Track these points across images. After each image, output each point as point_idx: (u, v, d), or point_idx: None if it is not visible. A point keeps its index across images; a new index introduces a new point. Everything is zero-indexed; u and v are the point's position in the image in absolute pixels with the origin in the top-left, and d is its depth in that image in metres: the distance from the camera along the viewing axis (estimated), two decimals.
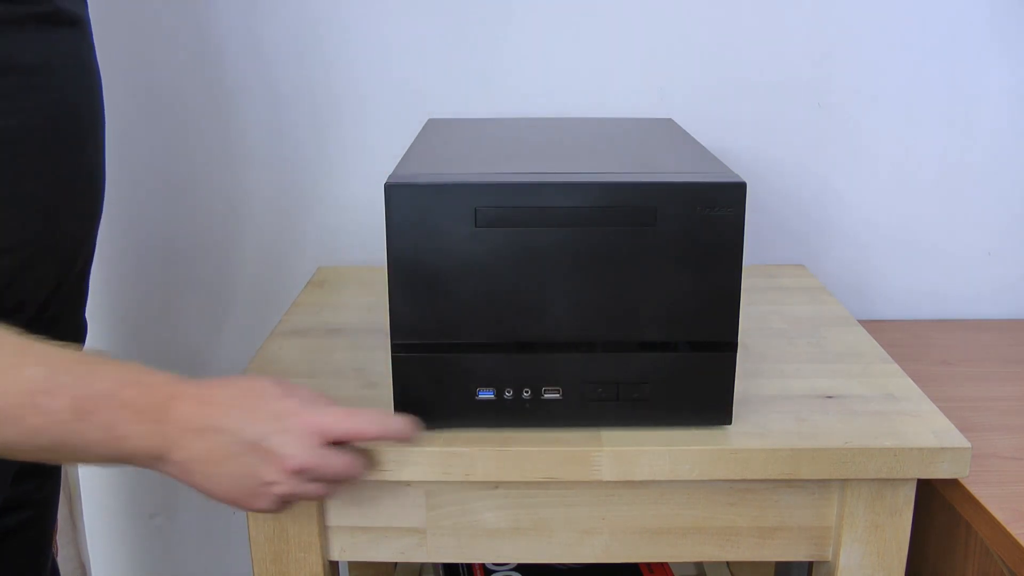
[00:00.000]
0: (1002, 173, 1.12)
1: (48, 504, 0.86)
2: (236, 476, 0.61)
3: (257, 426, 0.61)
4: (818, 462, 0.69)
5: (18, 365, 0.54)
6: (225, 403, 0.61)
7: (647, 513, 0.74)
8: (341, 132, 1.12)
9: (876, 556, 0.73)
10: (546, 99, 1.11)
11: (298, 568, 0.75)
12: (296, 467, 0.61)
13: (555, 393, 0.70)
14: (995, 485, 0.75)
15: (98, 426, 0.57)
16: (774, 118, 1.11)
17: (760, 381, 0.80)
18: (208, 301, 1.18)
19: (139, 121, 1.11)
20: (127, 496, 1.25)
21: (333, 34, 1.09)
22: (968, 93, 1.10)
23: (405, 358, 0.69)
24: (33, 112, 0.67)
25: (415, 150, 0.79)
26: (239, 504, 0.63)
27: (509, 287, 0.67)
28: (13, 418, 0.54)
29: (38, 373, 0.55)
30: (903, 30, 1.08)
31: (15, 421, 0.54)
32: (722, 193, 0.66)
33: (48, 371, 0.55)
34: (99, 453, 0.58)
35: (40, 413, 0.54)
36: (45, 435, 0.55)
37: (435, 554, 0.75)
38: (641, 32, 1.08)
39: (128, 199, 1.13)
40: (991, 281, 1.15)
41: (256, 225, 1.15)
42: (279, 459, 0.61)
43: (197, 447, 0.60)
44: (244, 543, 1.23)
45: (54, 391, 0.55)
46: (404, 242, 0.66)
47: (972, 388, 0.93)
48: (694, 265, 0.67)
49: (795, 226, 1.14)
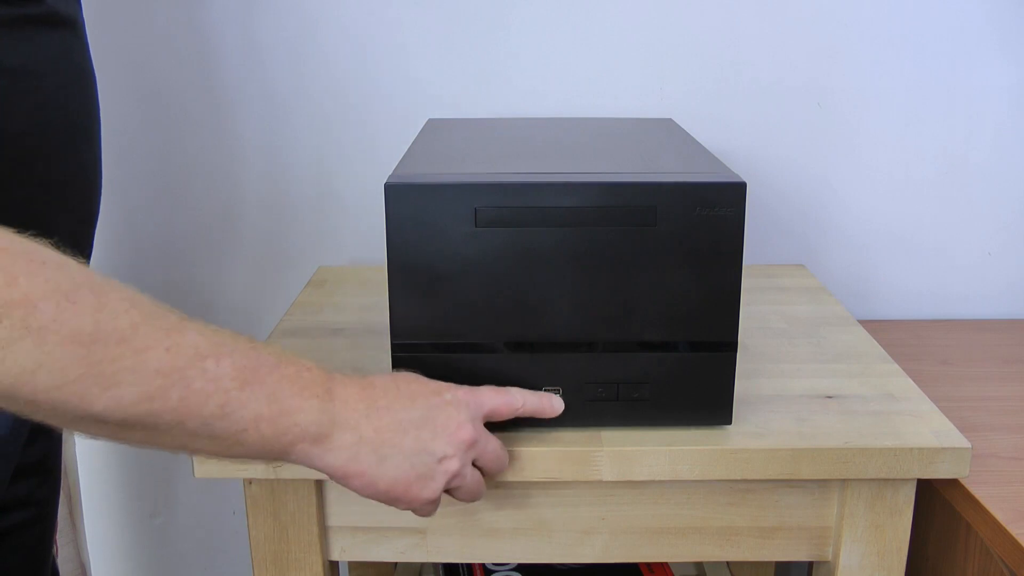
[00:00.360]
0: (1002, 173, 1.12)
1: (48, 503, 0.86)
2: (409, 454, 0.60)
3: (422, 403, 0.61)
4: (818, 462, 0.69)
5: (182, 330, 0.52)
6: (385, 386, 0.61)
7: (647, 513, 0.74)
8: (341, 132, 1.12)
9: (876, 556, 0.73)
10: (546, 99, 1.11)
11: (298, 568, 0.75)
12: (469, 437, 0.62)
13: (555, 393, 0.70)
14: (995, 485, 0.75)
15: (263, 397, 0.54)
16: (774, 118, 1.11)
17: (760, 381, 0.80)
18: (208, 301, 1.18)
19: (137, 122, 1.11)
20: (127, 496, 1.25)
21: (333, 34, 1.09)
22: (968, 93, 1.10)
23: (405, 358, 0.69)
24: (25, 115, 0.67)
25: (415, 150, 0.79)
26: (407, 493, 0.60)
27: (509, 287, 0.67)
28: (180, 380, 0.51)
29: (202, 340, 0.52)
30: (903, 30, 1.08)
31: (182, 383, 0.51)
32: (722, 193, 0.66)
33: (210, 340, 0.53)
34: (260, 433, 0.54)
35: (206, 377, 0.52)
36: (209, 403, 0.52)
37: (435, 554, 0.75)
38: (641, 32, 1.09)
39: (126, 200, 1.13)
40: (991, 281, 1.15)
41: (256, 225, 1.15)
42: (450, 431, 0.61)
43: (366, 426, 0.58)
44: (244, 543, 1.23)
45: (219, 356, 0.52)
46: (404, 242, 0.66)
47: (972, 388, 0.93)
48: (694, 265, 0.67)
49: (795, 226, 1.14)
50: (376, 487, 0.59)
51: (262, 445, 0.55)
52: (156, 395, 0.50)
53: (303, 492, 0.73)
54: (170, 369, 0.50)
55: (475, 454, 0.63)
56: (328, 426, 0.57)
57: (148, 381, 0.50)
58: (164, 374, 0.50)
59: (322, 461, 0.58)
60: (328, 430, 0.57)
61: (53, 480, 0.86)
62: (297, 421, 0.56)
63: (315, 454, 0.57)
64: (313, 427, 0.56)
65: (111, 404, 0.49)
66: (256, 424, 0.54)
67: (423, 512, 0.64)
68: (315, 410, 0.56)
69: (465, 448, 0.62)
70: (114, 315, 0.49)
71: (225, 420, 0.53)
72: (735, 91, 1.10)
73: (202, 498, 1.25)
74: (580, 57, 1.09)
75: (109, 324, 0.48)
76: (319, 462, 0.58)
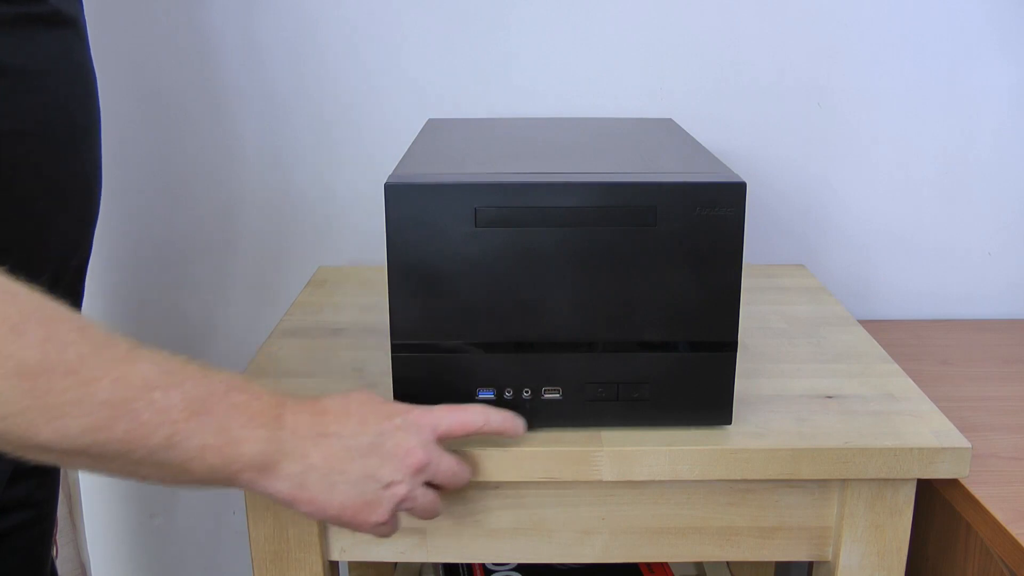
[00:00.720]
0: (1002, 173, 1.12)
1: (47, 504, 0.86)
2: (356, 481, 0.60)
3: (372, 428, 0.61)
4: (818, 462, 0.69)
5: (132, 360, 0.52)
6: (336, 410, 0.61)
7: (647, 513, 0.74)
8: (341, 132, 1.12)
9: (876, 556, 0.73)
10: (546, 99, 1.11)
11: (298, 568, 0.74)
12: (417, 462, 0.61)
13: (555, 393, 0.70)
14: (995, 485, 0.75)
15: (211, 428, 0.54)
16: (774, 118, 1.11)
17: (760, 381, 0.80)
18: (208, 301, 1.18)
19: (137, 122, 1.11)
20: (127, 496, 1.26)
21: (333, 34, 1.09)
22: (968, 93, 1.10)
23: (405, 358, 0.69)
24: (25, 114, 0.67)
25: (415, 150, 0.79)
26: (355, 518, 0.61)
27: (509, 287, 0.67)
28: (128, 412, 0.51)
29: (151, 369, 0.52)
30: (903, 30, 1.08)
31: (129, 415, 0.51)
32: (722, 193, 0.66)
33: (161, 369, 0.53)
34: (205, 463, 0.54)
35: (154, 409, 0.52)
36: (156, 434, 0.52)
37: (435, 554, 0.75)
38: (641, 32, 1.09)
39: (126, 200, 1.13)
40: (991, 281, 1.15)
41: (256, 225, 1.15)
42: (399, 456, 0.61)
43: (314, 455, 0.58)
44: (244, 543, 1.23)
45: (168, 387, 0.52)
46: (404, 242, 0.66)
47: (972, 388, 0.93)
48: (694, 265, 0.67)
49: (795, 226, 1.14)
50: (325, 513, 0.60)
51: (209, 474, 0.55)
52: (102, 426, 0.50)
53: None
54: (118, 400, 0.51)
55: (426, 477, 0.63)
56: (274, 455, 0.57)
57: (94, 412, 0.50)
58: (111, 405, 0.50)
59: (269, 488, 0.58)
60: (275, 459, 0.57)
61: (52, 481, 0.86)
62: (244, 451, 0.56)
63: (261, 483, 0.58)
64: (259, 457, 0.57)
65: (56, 435, 0.49)
66: (202, 453, 0.54)
67: (378, 533, 0.64)
68: (262, 440, 0.57)
69: (413, 473, 0.62)
70: (62, 346, 0.49)
71: (172, 450, 0.53)
72: (735, 91, 1.10)
73: (202, 498, 1.25)
74: (580, 57, 1.09)
75: (56, 356, 0.48)
76: (266, 489, 0.58)
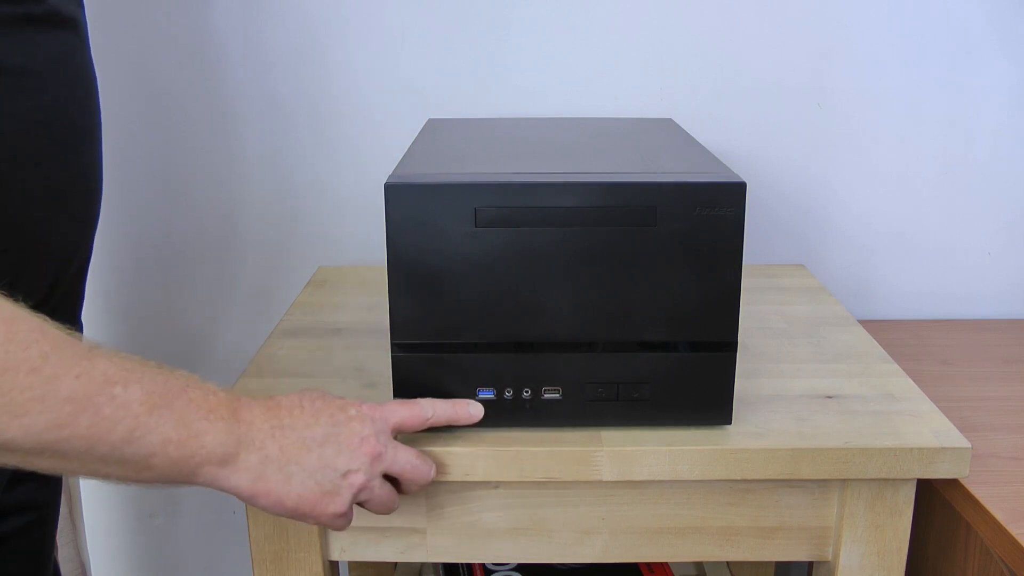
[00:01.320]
0: (1002, 173, 1.12)
1: (49, 507, 0.86)
2: (314, 470, 0.60)
3: (326, 419, 0.62)
4: (818, 462, 0.69)
5: (91, 357, 0.52)
6: (290, 405, 0.62)
7: (647, 513, 0.74)
8: (341, 132, 1.12)
9: (876, 556, 0.73)
10: (546, 99, 1.11)
11: (298, 568, 0.75)
12: (372, 450, 0.62)
13: (555, 393, 0.70)
14: (995, 485, 0.75)
15: (171, 421, 0.55)
16: (774, 118, 1.11)
17: (760, 381, 0.80)
18: (208, 301, 1.18)
19: (138, 122, 1.11)
20: (127, 496, 1.25)
21: (333, 34, 1.09)
22: (968, 93, 1.10)
23: (405, 358, 0.69)
24: (26, 115, 0.67)
25: (415, 150, 0.79)
26: (314, 509, 0.61)
27: (509, 287, 0.67)
28: (89, 407, 0.51)
29: (110, 366, 0.53)
30: (903, 30, 1.08)
31: (91, 409, 0.51)
32: (722, 193, 0.66)
33: (119, 366, 0.53)
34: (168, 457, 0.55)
35: (115, 403, 0.52)
36: (119, 428, 0.52)
37: (435, 554, 0.75)
38: (641, 32, 1.09)
39: (127, 200, 1.14)
40: (991, 281, 1.15)
41: (256, 225, 1.15)
42: (354, 445, 0.62)
43: (271, 446, 0.59)
44: (244, 543, 1.23)
45: (127, 382, 0.53)
46: (404, 242, 0.66)
47: (972, 388, 0.93)
48: (694, 265, 0.67)
49: (795, 226, 1.14)
50: (284, 505, 0.60)
51: (170, 468, 0.56)
52: (66, 422, 0.51)
53: None
54: (80, 396, 0.51)
55: (383, 467, 0.64)
56: (234, 447, 0.58)
57: (58, 409, 0.50)
58: (74, 401, 0.51)
59: (228, 482, 0.59)
60: (234, 451, 0.58)
61: (54, 483, 0.86)
62: (204, 443, 0.56)
63: (222, 476, 0.58)
64: (219, 448, 0.57)
65: (20, 433, 0.49)
66: (164, 447, 0.55)
67: (335, 526, 0.64)
68: (221, 432, 0.57)
69: (370, 461, 0.62)
70: (24, 345, 0.49)
71: (134, 445, 0.54)
72: (735, 91, 1.10)
73: (202, 498, 1.25)
74: (580, 57, 1.09)
75: (19, 355, 0.49)
76: (226, 483, 0.59)
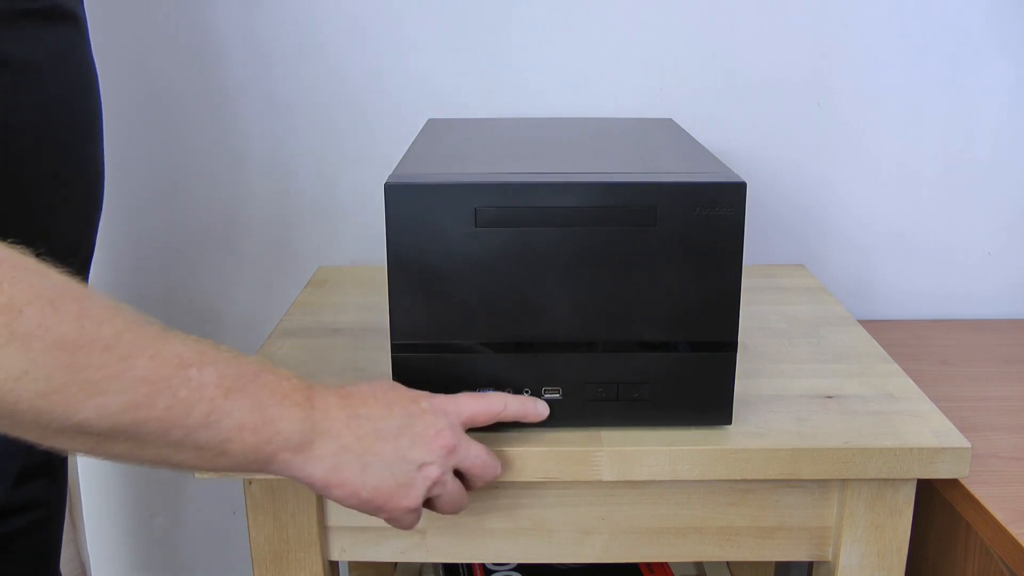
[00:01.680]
0: (1002, 173, 1.12)
1: (55, 505, 0.86)
2: (390, 461, 0.59)
3: (400, 411, 0.61)
4: (818, 462, 0.69)
5: (165, 339, 0.51)
6: (363, 395, 0.61)
7: (647, 513, 0.74)
8: (341, 132, 1.12)
9: (876, 556, 0.73)
10: (546, 99, 1.11)
11: (298, 568, 0.75)
12: (446, 443, 0.61)
13: (555, 393, 0.70)
14: (995, 485, 0.75)
15: (247, 405, 0.54)
16: (774, 118, 1.11)
17: (760, 381, 0.80)
18: (208, 301, 1.18)
19: (138, 120, 1.11)
20: (127, 496, 1.26)
21: (333, 34, 1.09)
22: (968, 93, 1.10)
23: (405, 358, 0.69)
24: (28, 108, 0.67)
25: (415, 150, 0.79)
26: (388, 502, 0.60)
27: (509, 287, 0.67)
28: (165, 388, 0.50)
29: (184, 349, 0.52)
30: (903, 30, 1.08)
31: (168, 391, 0.50)
32: (722, 193, 0.66)
33: (193, 348, 0.52)
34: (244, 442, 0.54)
35: (191, 386, 0.51)
36: (195, 411, 0.51)
37: (435, 554, 0.75)
38: (641, 32, 1.09)
39: (127, 199, 1.14)
40: (991, 281, 1.15)
41: (256, 225, 1.15)
42: (428, 437, 0.61)
43: (347, 435, 0.58)
44: (244, 543, 1.23)
45: (202, 365, 0.52)
46: (404, 242, 0.66)
47: (972, 388, 0.93)
48: (694, 265, 0.67)
49: (795, 226, 1.14)
50: (359, 496, 0.59)
51: (245, 455, 0.55)
52: (142, 403, 0.50)
53: (303, 492, 0.73)
54: (156, 377, 0.50)
55: (456, 461, 0.63)
56: (310, 434, 0.57)
57: (134, 389, 0.49)
58: (150, 382, 0.50)
59: (303, 471, 0.57)
60: (310, 438, 0.57)
61: (61, 480, 0.86)
62: (280, 429, 0.55)
63: (297, 464, 0.57)
64: (296, 436, 0.56)
65: (96, 413, 0.48)
66: (240, 433, 0.54)
67: (404, 523, 0.63)
68: (297, 419, 0.56)
69: (444, 454, 0.62)
70: (98, 323, 0.48)
71: (210, 429, 0.52)
72: (735, 91, 1.10)
73: (202, 498, 1.25)
74: (580, 57, 1.09)
75: (93, 331, 0.48)
76: (300, 472, 0.57)
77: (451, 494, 0.64)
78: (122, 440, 0.51)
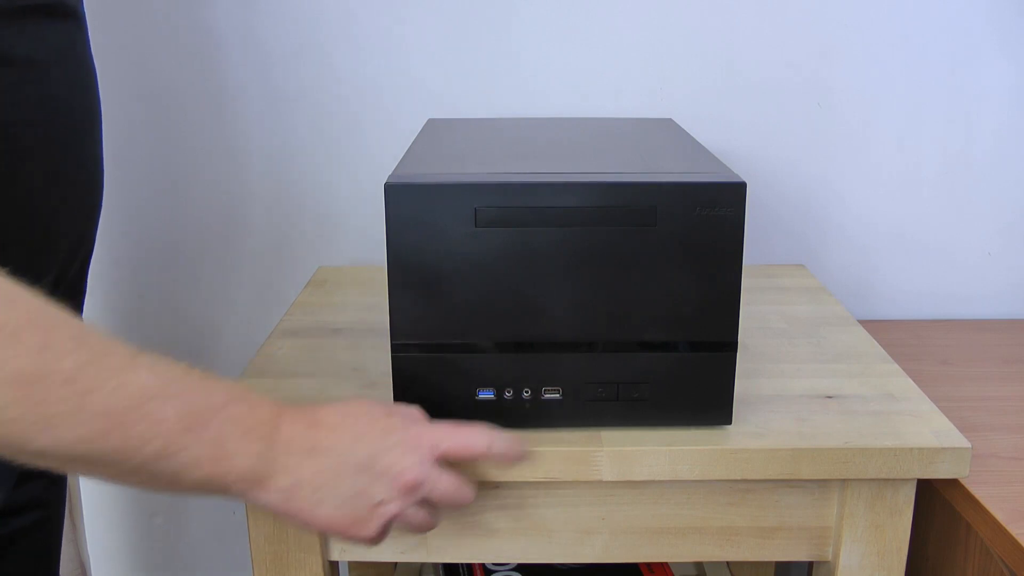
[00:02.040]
0: (1002, 173, 1.12)
1: (56, 506, 0.86)
2: (345, 498, 0.59)
3: (367, 444, 0.60)
4: (818, 462, 0.69)
5: (130, 369, 0.51)
6: (332, 424, 0.60)
7: (647, 513, 0.74)
8: (341, 132, 1.12)
9: (876, 556, 0.73)
10: (546, 99, 1.11)
11: (298, 568, 0.74)
12: (409, 482, 0.60)
13: (555, 393, 0.70)
14: (995, 485, 0.75)
15: (206, 440, 0.54)
16: (774, 118, 1.11)
17: (760, 381, 0.80)
18: (208, 301, 1.18)
19: (138, 119, 1.11)
20: (127, 496, 1.25)
21: (333, 34, 1.09)
22: (968, 93, 1.10)
23: (405, 358, 0.69)
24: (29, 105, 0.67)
25: (415, 150, 0.79)
26: (345, 532, 0.60)
27: (509, 287, 0.67)
28: (122, 423, 0.50)
29: (150, 379, 0.52)
30: (903, 30, 1.08)
31: (123, 427, 0.50)
32: (722, 193, 0.66)
33: (159, 379, 0.52)
34: (197, 474, 0.54)
35: (149, 421, 0.51)
36: (150, 445, 0.51)
37: (435, 554, 0.75)
38: (641, 32, 1.09)
39: (127, 198, 1.13)
40: (991, 281, 1.15)
41: (256, 225, 1.15)
42: (392, 476, 0.60)
43: (305, 469, 0.58)
44: (244, 543, 1.23)
45: (165, 398, 0.52)
46: (404, 242, 0.66)
47: (972, 388, 0.93)
48: (694, 265, 0.67)
49: (795, 226, 1.14)
50: (314, 525, 0.60)
51: (200, 485, 0.55)
52: (96, 437, 0.50)
53: None
54: (114, 411, 0.50)
55: (421, 495, 0.61)
56: (266, 470, 0.57)
57: (89, 423, 0.49)
58: (106, 416, 0.50)
59: (259, 501, 0.58)
60: (266, 473, 0.57)
61: (60, 482, 0.86)
62: (235, 465, 0.55)
63: (252, 495, 0.58)
64: (250, 472, 0.56)
65: (50, 444, 0.49)
66: (196, 466, 0.54)
67: (368, 544, 0.62)
68: (254, 455, 0.56)
69: (405, 493, 0.60)
70: (60, 355, 0.48)
71: (165, 461, 0.53)
72: (735, 91, 1.10)
73: (202, 498, 1.25)
74: (580, 57, 1.09)
75: (54, 364, 0.48)
76: (256, 501, 0.58)
77: (413, 523, 0.63)
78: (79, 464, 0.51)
